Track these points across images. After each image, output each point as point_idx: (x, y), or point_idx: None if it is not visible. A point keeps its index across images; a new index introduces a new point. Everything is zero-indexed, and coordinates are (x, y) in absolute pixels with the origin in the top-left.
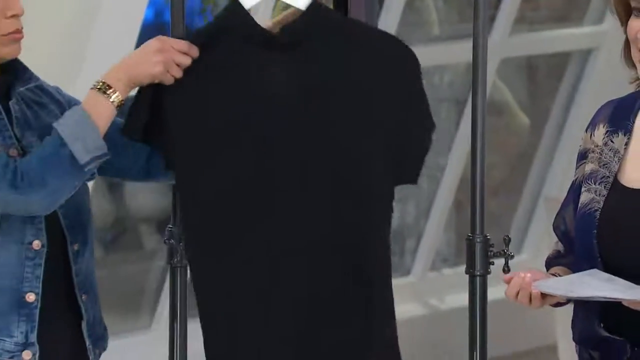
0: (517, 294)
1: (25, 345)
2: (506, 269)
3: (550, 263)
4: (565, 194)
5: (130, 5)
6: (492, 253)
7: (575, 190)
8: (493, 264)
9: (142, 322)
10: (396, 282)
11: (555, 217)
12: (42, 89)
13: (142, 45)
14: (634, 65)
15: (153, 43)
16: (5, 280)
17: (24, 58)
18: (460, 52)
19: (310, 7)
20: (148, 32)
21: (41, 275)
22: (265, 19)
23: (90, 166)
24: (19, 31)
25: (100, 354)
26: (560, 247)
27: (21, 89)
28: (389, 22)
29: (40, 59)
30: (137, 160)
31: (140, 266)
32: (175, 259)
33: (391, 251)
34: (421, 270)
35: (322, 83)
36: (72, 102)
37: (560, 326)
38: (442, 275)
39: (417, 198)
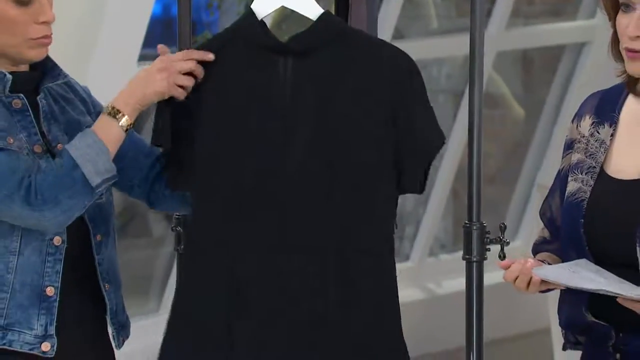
0: (516, 279)
1: (45, 337)
2: (502, 255)
3: (536, 249)
4: None
5: (138, 1)
6: (488, 240)
7: (561, 179)
8: (489, 250)
9: (151, 306)
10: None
11: (542, 205)
12: (69, 85)
13: (145, 68)
14: (621, 59)
15: (154, 63)
16: (27, 275)
17: None
18: (458, 45)
19: (320, 18)
20: (156, 26)
21: (61, 270)
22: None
23: (101, 188)
24: (47, 37)
25: (123, 342)
26: (546, 233)
27: (50, 84)
28: (388, 15)
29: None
30: (139, 174)
31: (149, 252)
32: (182, 246)
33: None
34: (420, 256)
35: (329, 90)
36: (97, 105)
37: (554, 310)
38: (439, 261)
39: None
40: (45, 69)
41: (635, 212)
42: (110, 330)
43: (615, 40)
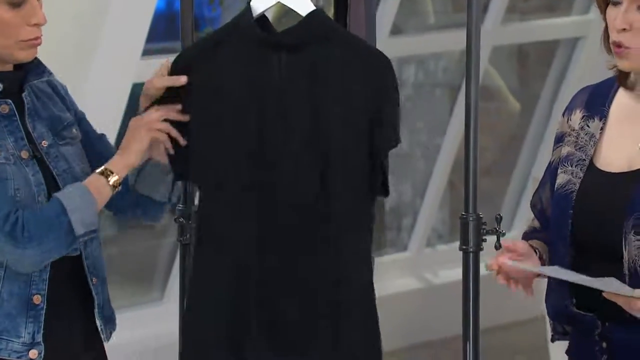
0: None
1: (32, 345)
2: (498, 246)
3: (526, 237)
4: None
5: None
6: (484, 231)
7: (551, 171)
8: (485, 241)
9: (154, 295)
10: (393, 258)
11: (533, 196)
12: (50, 83)
13: (127, 132)
14: (612, 52)
15: (131, 124)
16: (14, 285)
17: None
18: (455, 40)
19: (310, 15)
20: (159, 21)
21: (47, 278)
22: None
23: (83, 238)
24: (37, 38)
25: (111, 334)
26: (536, 224)
27: (33, 81)
28: (387, 11)
29: (55, 46)
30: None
31: (153, 243)
32: (185, 237)
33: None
34: (417, 246)
35: (319, 84)
36: (73, 103)
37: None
38: (436, 251)
39: (413, 178)
40: (30, 66)
41: (622, 205)
42: (98, 323)
43: (607, 33)
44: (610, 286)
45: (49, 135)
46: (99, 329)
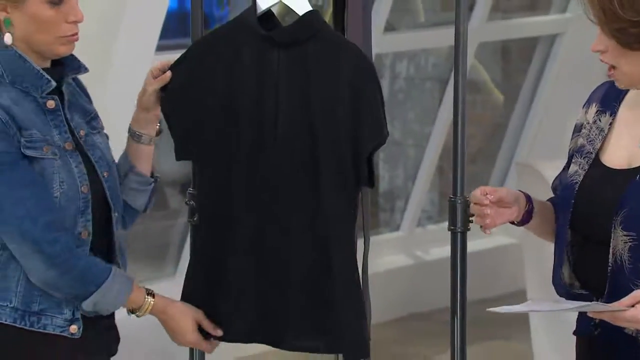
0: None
1: (72, 321)
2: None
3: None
4: (533, 159)
5: None
6: (470, 212)
7: (569, 159)
8: (472, 222)
9: (168, 270)
10: (387, 237)
11: (553, 181)
12: (75, 78)
13: (179, 324)
14: None
15: (189, 337)
16: None
17: None
18: (443, 37)
19: (305, 15)
20: (172, 19)
21: None
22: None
23: (85, 310)
24: (75, 34)
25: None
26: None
27: (72, 75)
28: (381, 10)
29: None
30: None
31: (166, 223)
32: (195, 217)
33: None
34: (409, 226)
35: (306, 76)
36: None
37: (529, 274)
38: (427, 231)
39: (405, 164)
40: (66, 60)
41: (614, 200)
42: None
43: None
44: (596, 308)
45: (84, 124)
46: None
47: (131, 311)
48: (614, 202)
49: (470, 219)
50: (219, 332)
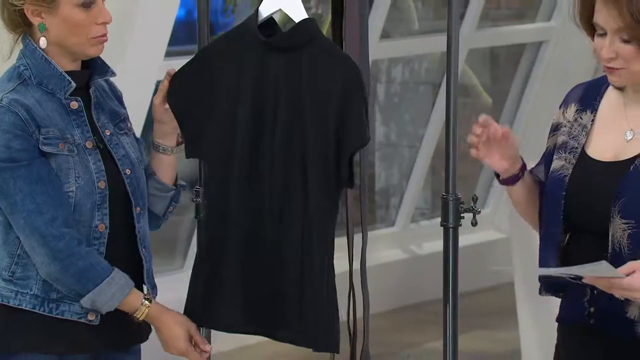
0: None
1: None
2: (474, 222)
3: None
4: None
5: (164, 5)
6: (462, 209)
7: (547, 156)
8: (463, 218)
9: (176, 264)
10: (382, 232)
11: (533, 167)
12: (108, 81)
13: (172, 332)
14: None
15: (181, 345)
16: None
17: None
18: (436, 43)
19: (300, 23)
20: (180, 27)
21: (104, 252)
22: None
23: (84, 307)
24: (104, 35)
25: (155, 298)
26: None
27: (99, 79)
28: (377, 18)
29: None
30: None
31: (175, 219)
32: (201, 214)
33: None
34: (403, 222)
35: (299, 81)
36: (121, 101)
37: (517, 267)
38: (420, 227)
39: (400, 163)
40: (95, 65)
41: (610, 191)
42: (145, 289)
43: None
44: (600, 270)
45: (110, 125)
46: (147, 293)
47: (128, 314)
48: (611, 192)
49: (461, 215)
50: (208, 347)
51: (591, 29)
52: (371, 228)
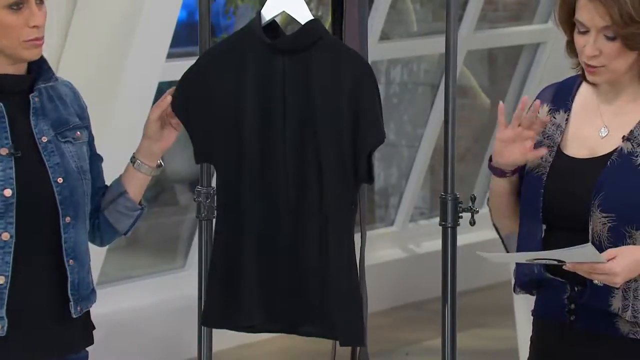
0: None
1: None
2: (472, 222)
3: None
4: None
5: (166, 8)
6: (460, 209)
7: None
8: (461, 217)
9: (178, 263)
10: (381, 232)
11: None
12: (63, 89)
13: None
14: (575, 56)
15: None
16: None
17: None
18: (434, 45)
19: (307, 24)
20: (182, 29)
21: (11, 261)
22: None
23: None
24: (39, 39)
25: (82, 311)
26: None
27: (42, 85)
28: (376, 20)
29: (95, 49)
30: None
31: (176, 218)
32: (203, 214)
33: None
34: (402, 221)
35: (309, 81)
36: (86, 122)
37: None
38: (419, 226)
39: (399, 163)
40: (41, 70)
41: (589, 186)
42: (70, 299)
43: (571, 44)
44: (584, 253)
45: (50, 132)
46: (70, 304)
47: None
48: (590, 187)
49: (460, 215)
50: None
51: (569, 26)
52: (370, 227)
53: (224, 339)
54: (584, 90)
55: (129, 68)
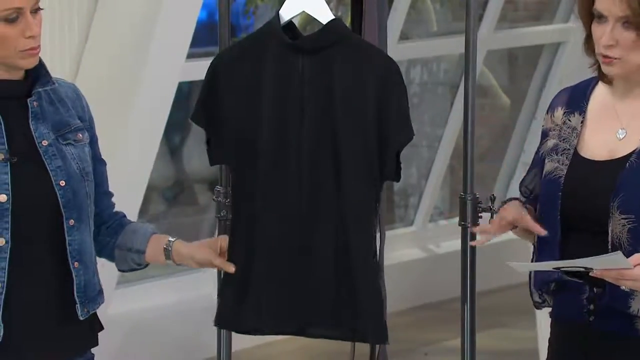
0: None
1: None
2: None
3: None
4: None
5: (186, 8)
6: (480, 209)
7: (539, 161)
8: (481, 218)
9: None
10: (401, 232)
11: (522, 179)
12: (64, 92)
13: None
14: (593, 54)
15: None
16: None
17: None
18: (454, 45)
19: (329, 23)
20: (201, 29)
21: (6, 267)
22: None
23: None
24: (34, 48)
25: (89, 312)
26: (522, 198)
27: (40, 89)
28: (396, 20)
29: (118, 50)
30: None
31: (195, 218)
32: (222, 213)
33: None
34: (422, 221)
35: (330, 79)
36: (90, 124)
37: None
38: (438, 226)
39: (419, 163)
40: (39, 75)
41: (608, 188)
42: (76, 301)
43: (589, 40)
44: (614, 261)
45: (51, 135)
46: (76, 306)
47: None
48: (609, 189)
49: (479, 214)
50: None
51: (589, 17)
52: (390, 227)
53: (243, 338)
54: (599, 91)
55: (149, 68)
